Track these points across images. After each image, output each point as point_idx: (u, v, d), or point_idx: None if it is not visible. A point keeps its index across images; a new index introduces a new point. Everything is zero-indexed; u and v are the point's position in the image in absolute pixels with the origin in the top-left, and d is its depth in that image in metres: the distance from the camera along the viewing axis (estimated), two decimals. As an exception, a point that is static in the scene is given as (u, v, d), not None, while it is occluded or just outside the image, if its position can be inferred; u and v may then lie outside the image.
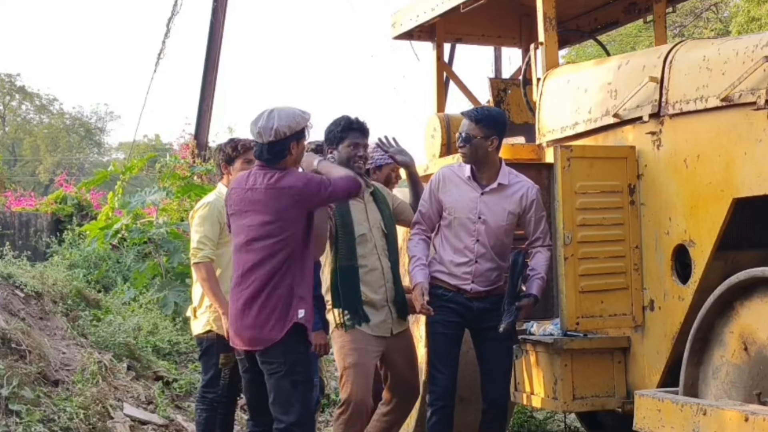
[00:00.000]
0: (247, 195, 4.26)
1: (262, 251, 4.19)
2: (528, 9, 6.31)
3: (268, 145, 4.23)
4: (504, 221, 4.69)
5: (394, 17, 6.86)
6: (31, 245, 12.47)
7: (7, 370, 5.80)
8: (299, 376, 4.18)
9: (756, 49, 4.12)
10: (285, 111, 4.25)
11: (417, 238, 4.84)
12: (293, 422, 4.14)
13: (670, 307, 4.59)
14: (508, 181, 4.73)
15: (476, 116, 4.70)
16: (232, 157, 5.38)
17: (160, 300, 9.11)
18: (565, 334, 4.92)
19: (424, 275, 4.76)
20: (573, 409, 5.03)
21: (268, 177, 4.23)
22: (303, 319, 4.17)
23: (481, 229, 4.68)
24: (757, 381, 3.87)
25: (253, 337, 4.18)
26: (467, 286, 4.69)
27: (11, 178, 25.92)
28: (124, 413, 6.36)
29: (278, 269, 4.17)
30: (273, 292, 4.15)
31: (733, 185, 4.21)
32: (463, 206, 4.72)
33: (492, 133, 4.67)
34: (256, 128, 4.24)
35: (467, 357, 4.91)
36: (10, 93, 43.47)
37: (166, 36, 17.11)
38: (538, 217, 4.73)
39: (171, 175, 10.87)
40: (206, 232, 5.24)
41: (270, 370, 4.17)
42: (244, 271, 4.23)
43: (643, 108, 4.71)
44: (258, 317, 4.16)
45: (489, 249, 4.68)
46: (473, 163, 4.73)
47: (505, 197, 4.71)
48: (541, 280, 4.70)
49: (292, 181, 4.19)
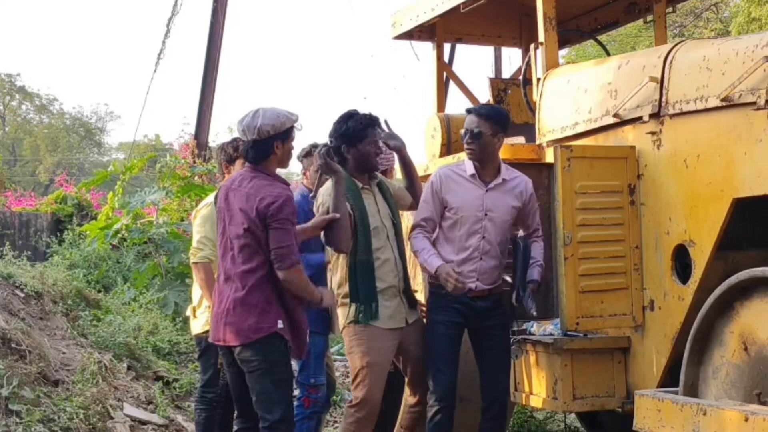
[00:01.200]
0: (230, 196, 4.29)
1: (244, 252, 4.20)
2: (528, 9, 6.30)
3: (252, 143, 4.25)
4: (509, 216, 4.73)
5: (394, 17, 6.86)
6: (31, 245, 12.48)
7: (7, 370, 5.80)
8: (280, 375, 4.18)
9: (756, 49, 4.12)
10: (271, 110, 4.26)
11: (420, 235, 4.78)
12: (278, 420, 4.16)
13: (670, 307, 4.59)
14: (508, 176, 4.76)
15: (486, 113, 4.70)
16: (233, 157, 5.39)
17: (160, 300, 9.12)
18: (565, 334, 4.92)
19: (441, 259, 4.69)
20: (573, 409, 5.03)
21: (248, 181, 4.25)
22: (282, 330, 4.17)
23: (488, 225, 4.68)
24: (757, 381, 3.87)
25: (232, 333, 4.18)
26: (472, 284, 4.67)
27: (11, 178, 25.94)
28: (124, 413, 6.36)
29: (260, 270, 4.17)
30: (254, 293, 4.16)
31: (733, 185, 4.20)
32: (469, 204, 4.70)
33: (500, 130, 4.70)
34: (242, 126, 4.26)
35: (467, 357, 4.90)
36: (10, 93, 43.48)
37: (166, 36, 17.13)
38: (535, 209, 4.84)
39: (171, 175, 10.88)
40: (206, 233, 5.24)
41: (250, 368, 4.18)
42: (228, 268, 4.26)
43: (643, 108, 4.71)
44: (238, 315, 4.16)
45: (494, 245, 4.68)
46: (479, 159, 4.71)
47: (507, 192, 4.73)
48: (541, 267, 4.77)
49: (270, 199, 4.15)
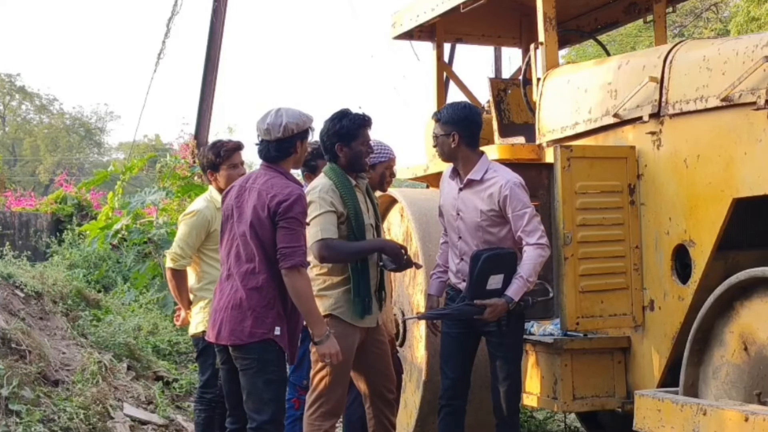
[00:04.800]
0: (244, 194, 4.26)
1: (249, 251, 4.17)
2: (528, 9, 6.30)
3: (276, 143, 4.24)
4: (478, 218, 4.58)
5: (394, 17, 6.86)
6: (31, 245, 12.49)
7: (7, 370, 5.80)
8: (272, 374, 4.15)
9: (756, 49, 4.12)
10: (292, 110, 4.29)
11: (443, 245, 4.92)
12: (266, 421, 4.11)
13: (670, 307, 4.59)
14: (482, 176, 4.61)
15: (437, 115, 4.75)
16: (215, 163, 5.26)
17: (160, 300, 9.12)
18: (565, 334, 4.93)
19: (438, 287, 4.85)
20: (573, 409, 5.02)
21: (262, 178, 4.23)
22: (278, 337, 4.14)
23: (461, 226, 4.66)
24: (757, 381, 3.86)
25: (227, 332, 4.16)
26: (460, 285, 4.68)
27: (11, 178, 25.94)
28: (124, 413, 6.36)
29: (263, 272, 4.14)
30: (254, 295, 4.13)
31: (732, 185, 4.20)
32: (447, 203, 4.77)
33: (451, 129, 4.64)
34: (265, 125, 4.23)
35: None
36: (10, 93, 43.50)
37: (166, 36, 17.14)
38: (516, 213, 4.48)
39: (171, 175, 10.88)
40: (191, 241, 5.21)
41: (243, 366, 4.16)
42: (231, 266, 4.24)
43: (643, 108, 4.71)
44: (235, 316, 4.14)
45: (471, 247, 4.59)
46: (445, 161, 4.81)
47: (476, 193, 4.62)
48: (521, 281, 4.43)
49: (281, 197, 4.12)
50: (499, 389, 4.58)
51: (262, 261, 4.14)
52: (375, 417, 4.71)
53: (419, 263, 4.95)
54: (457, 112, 4.70)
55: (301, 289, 4.11)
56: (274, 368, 4.17)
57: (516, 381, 4.60)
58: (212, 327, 4.28)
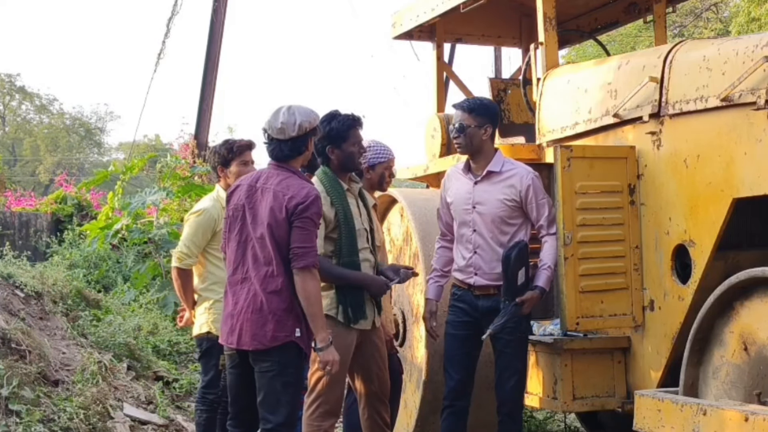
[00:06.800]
0: (255, 194, 4.19)
1: (267, 254, 4.11)
2: (528, 9, 6.31)
3: (290, 141, 4.20)
4: (498, 209, 4.64)
5: (394, 17, 6.86)
6: (31, 245, 12.48)
7: (7, 370, 5.80)
8: (291, 377, 4.12)
9: (756, 49, 4.12)
10: (302, 107, 4.24)
11: (440, 249, 4.95)
12: (281, 423, 4.08)
13: (670, 307, 4.59)
14: (501, 168, 4.69)
15: (468, 106, 4.74)
16: (227, 159, 5.31)
17: (160, 300, 9.11)
18: (565, 334, 4.93)
19: (436, 291, 4.88)
20: (573, 409, 5.02)
21: (276, 178, 4.19)
22: (299, 338, 4.11)
23: (477, 219, 4.68)
24: (757, 381, 3.87)
25: (248, 338, 4.11)
26: (471, 279, 4.69)
27: (11, 178, 25.89)
28: (124, 413, 6.35)
29: (281, 275, 4.09)
30: (273, 299, 4.08)
31: (733, 185, 4.20)
32: (459, 198, 4.76)
33: (485, 122, 4.70)
34: (278, 124, 4.16)
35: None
36: (10, 93, 43.49)
37: (166, 36, 17.16)
38: (538, 203, 4.64)
39: (171, 175, 10.88)
40: (197, 240, 5.22)
41: (263, 369, 4.11)
42: (246, 269, 4.16)
43: (643, 108, 4.71)
44: (255, 321, 4.08)
45: (487, 240, 4.65)
46: (468, 153, 4.76)
47: (496, 185, 4.68)
48: (549, 271, 4.61)
49: (299, 198, 4.09)
50: (505, 385, 4.62)
51: (279, 263, 4.09)
52: (369, 417, 4.72)
53: (416, 272, 4.94)
54: (490, 106, 4.81)
55: (310, 291, 4.09)
56: (293, 371, 4.14)
57: (522, 377, 4.67)
58: (230, 332, 4.19)
